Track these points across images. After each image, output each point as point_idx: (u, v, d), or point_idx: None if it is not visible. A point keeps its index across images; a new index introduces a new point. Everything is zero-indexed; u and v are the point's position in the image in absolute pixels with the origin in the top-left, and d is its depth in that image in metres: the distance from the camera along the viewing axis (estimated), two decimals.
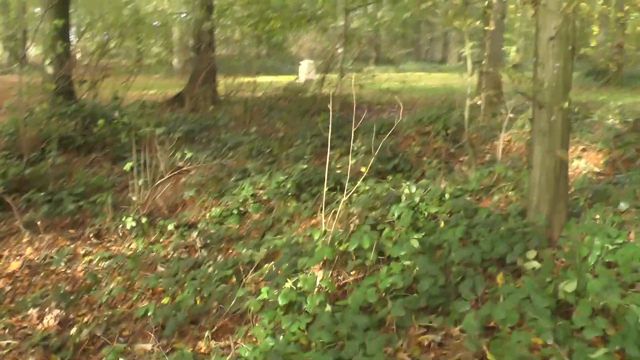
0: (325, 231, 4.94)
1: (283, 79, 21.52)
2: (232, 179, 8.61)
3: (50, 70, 7.95)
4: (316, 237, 5.04)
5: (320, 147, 10.39)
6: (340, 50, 13.00)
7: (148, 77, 19.35)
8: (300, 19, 12.78)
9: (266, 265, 5.65)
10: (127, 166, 7.48)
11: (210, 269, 5.56)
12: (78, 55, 15.63)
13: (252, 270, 5.56)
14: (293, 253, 5.39)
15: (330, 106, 5.93)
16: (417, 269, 4.36)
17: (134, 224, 6.87)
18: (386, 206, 6.45)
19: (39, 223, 6.95)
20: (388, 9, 18.51)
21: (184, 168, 9.00)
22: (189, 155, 7.98)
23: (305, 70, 24.82)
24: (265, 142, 10.52)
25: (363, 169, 9.42)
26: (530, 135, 5.04)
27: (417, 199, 6.32)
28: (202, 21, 14.63)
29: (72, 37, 16.42)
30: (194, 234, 6.88)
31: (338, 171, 8.83)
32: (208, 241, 6.76)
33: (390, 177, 8.20)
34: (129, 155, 10.03)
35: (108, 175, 9.45)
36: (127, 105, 13.01)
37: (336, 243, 4.83)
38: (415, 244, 4.69)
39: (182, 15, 16.66)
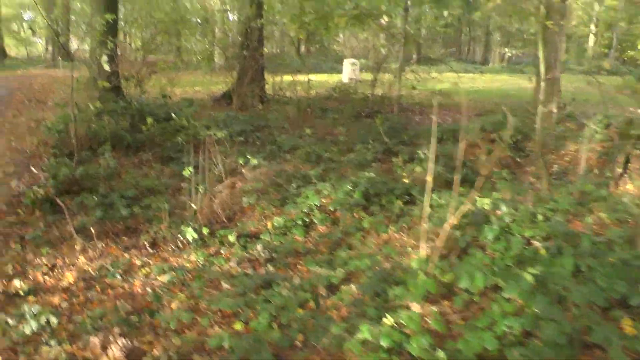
0: (426, 258, 4.27)
1: (325, 78, 20.95)
2: (293, 185, 8.02)
3: (106, 66, 7.46)
4: (413, 264, 4.38)
5: (382, 152, 9.74)
6: (397, 49, 12.30)
7: (189, 73, 19.00)
8: (357, 16, 12.12)
9: (344, 287, 5.06)
10: (186, 171, 6.91)
11: (285, 291, 4.94)
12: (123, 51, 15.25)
13: (330, 292, 4.97)
14: (379, 278, 4.75)
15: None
16: (535, 310, 3.69)
17: (195, 235, 6.30)
18: (473, 225, 5.76)
19: (92, 229, 6.44)
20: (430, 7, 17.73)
21: (241, 172, 8.48)
22: (254, 162, 7.39)
23: (349, 70, 24.23)
24: (322, 145, 9.90)
25: (429, 178, 8.67)
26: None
27: (507, 219, 5.65)
28: (251, 18, 14.07)
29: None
30: (258, 246, 6.28)
31: (405, 180, 8.19)
32: (274, 255, 6.16)
33: (461, 189, 7.46)
34: (180, 155, 9.54)
35: (158, 177, 8.93)
36: (173, 102, 12.56)
37: (436, 271, 4.18)
38: (529, 278, 4.01)
39: (228, 13, 16.09)
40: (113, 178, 8.66)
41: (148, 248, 6.40)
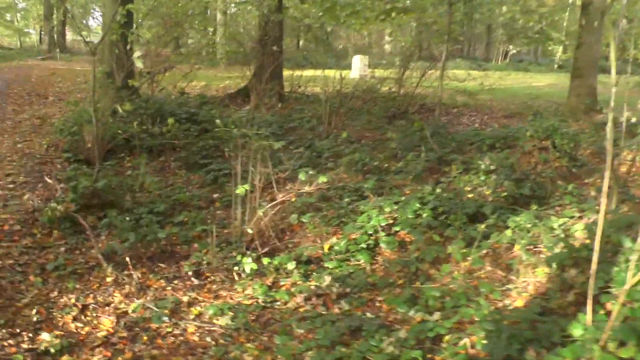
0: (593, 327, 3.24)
1: (332, 74, 19.84)
2: (346, 199, 6.99)
3: (140, 63, 6.36)
4: (577, 332, 3.34)
5: (431, 161, 8.68)
6: (443, 46, 11.25)
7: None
8: (390, 10, 11.08)
9: (448, 337, 4.08)
10: (241, 190, 5.84)
11: (389, 347, 3.90)
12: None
13: (435, 344, 3.98)
14: (508, 336, 3.72)
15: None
16: None
17: (254, 266, 5.25)
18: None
19: (124, 256, 5.37)
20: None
21: (280, 182, 7.44)
22: (303, 177, 6.30)
23: (359, 66, 23.21)
24: (366, 152, 8.83)
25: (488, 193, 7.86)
26: None
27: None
28: (272, 11, 12.96)
29: None
30: (326, 277, 5.24)
31: (469, 195, 7.17)
32: (347, 290, 5.12)
33: (534, 207, 6.45)
34: (208, 161, 8.46)
35: (186, 186, 7.85)
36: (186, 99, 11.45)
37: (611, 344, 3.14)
38: None
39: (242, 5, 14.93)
40: (134, 187, 7.59)
41: (193, 279, 5.33)
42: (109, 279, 5.11)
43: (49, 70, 21.62)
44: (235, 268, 5.36)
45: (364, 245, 5.91)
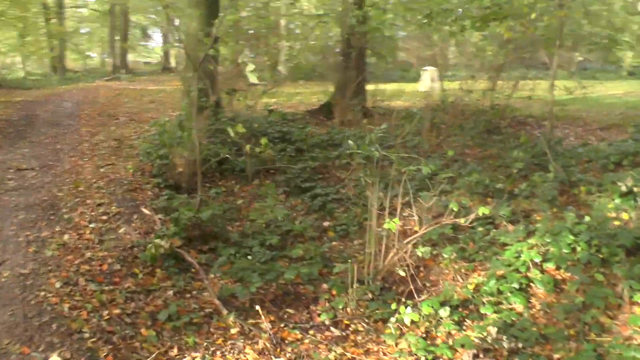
0: None
1: (396, 87, 18.90)
2: (479, 229, 6.00)
3: (254, 78, 5.53)
4: None
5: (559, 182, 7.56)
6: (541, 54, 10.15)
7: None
8: (488, 16, 10.07)
9: None
10: (392, 225, 4.93)
11: None
12: None
13: None
14: None
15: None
16: None
17: (416, 317, 4.32)
18: None
19: (243, 301, 4.53)
20: None
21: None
22: (455, 207, 5.31)
23: (429, 78, 22.27)
24: (482, 172, 7.80)
25: None
26: None
27: None
28: (357, 23, 12.12)
29: None
30: (491, 329, 4.26)
31: (616, 222, 6.02)
32: (520, 345, 4.12)
33: None
34: (312, 185, 7.63)
35: (290, 212, 7.01)
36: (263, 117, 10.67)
37: None
38: None
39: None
40: (232, 216, 6.81)
41: (332, 328, 4.44)
42: (233, 330, 4.27)
43: (115, 91, 21.46)
44: (376, 314, 4.43)
45: (515, 285, 4.90)
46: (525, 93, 12.45)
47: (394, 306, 4.50)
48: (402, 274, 5.03)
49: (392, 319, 4.41)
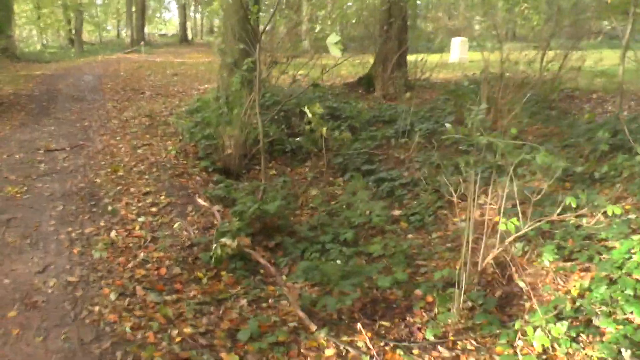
0: None
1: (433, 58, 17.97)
2: (571, 221, 5.14)
3: (337, 51, 4.57)
4: None
5: None
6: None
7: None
8: None
9: None
10: (510, 226, 4.10)
11: None
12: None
13: None
14: None
15: None
16: None
17: (546, 341, 3.52)
18: None
19: (329, 312, 3.74)
20: None
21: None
22: (572, 202, 4.44)
23: (458, 49, 21.26)
24: (554, 153, 6.90)
25: None
26: None
27: None
28: None
29: None
30: (625, 352, 3.45)
31: None
32: None
33: None
34: (373, 168, 6.77)
35: (353, 199, 6.18)
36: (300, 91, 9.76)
37: None
38: None
39: None
40: (290, 203, 5.98)
41: (440, 348, 3.65)
42: (328, 352, 3.48)
43: (135, 64, 20.54)
44: (483, 327, 3.63)
45: (630, 292, 4.07)
46: (573, 64, 11.43)
47: (528, 329, 3.67)
48: (522, 285, 4.20)
49: (503, 335, 3.61)
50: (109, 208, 5.09)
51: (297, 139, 7.41)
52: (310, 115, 4.93)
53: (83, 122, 9.78)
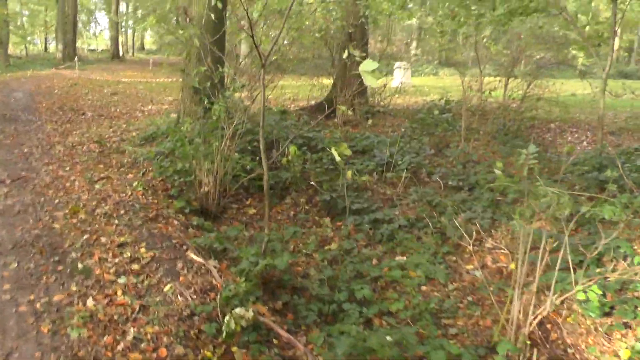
0: None
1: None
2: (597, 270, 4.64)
3: (373, 81, 3.76)
4: None
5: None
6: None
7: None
8: (525, 7, 8.75)
9: None
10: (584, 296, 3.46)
11: None
12: None
13: None
14: None
15: None
16: None
17: None
18: None
19: None
20: None
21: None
22: (627, 249, 3.89)
23: (400, 75, 21.02)
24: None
25: None
26: None
27: None
28: (358, 10, 10.57)
29: None
30: None
31: None
32: None
33: None
34: (366, 207, 6.05)
35: (344, 243, 5.44)
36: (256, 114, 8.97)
37: None
38: None
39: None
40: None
41: None
42: None
43: (69, 80, 18.96)
44: None
45: None
46: (536, 93, 11.23)
47: None
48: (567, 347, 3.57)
49: None
50: (79, 266, 4.08)
51: (274, 172, 6.57)
52: (337, 157, 4.15)
53: (21, 148, 8.52)
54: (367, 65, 3.46)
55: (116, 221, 4.99)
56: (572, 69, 14.13)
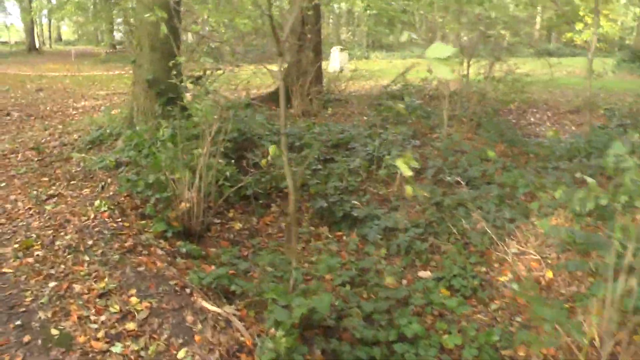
0: None
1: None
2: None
3: (448, 73, 2.87)
4: None
5: None
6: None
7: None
8: None
9: None
10: None
11: None
12: None
13: None
14: None
15: None
16: None
17: None
18: None
19: None
20: None
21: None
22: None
23: (338, 58, 20.32)
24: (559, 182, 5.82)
25: None
26: None
27: None
28: None
29: None
30: None
31: None
32: None
33: None
34: (369, 213, 5.18)
35: (355, 257, 4.57)
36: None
37: None
38: None
39: None
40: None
41: None
42: None
43: (23, 77, 16.80)
44: None
45: None
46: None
47: None
48: None
49: None
50: (53, 332, 2.96)
51: (253, 177, 5.56)
52: (406, 172, 3.24)
53: None
54: (438, 51, 2.51)
55: (86, 257, 3.85)
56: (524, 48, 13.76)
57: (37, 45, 32.02)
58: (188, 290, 3.42)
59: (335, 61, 20.29)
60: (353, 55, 27.62)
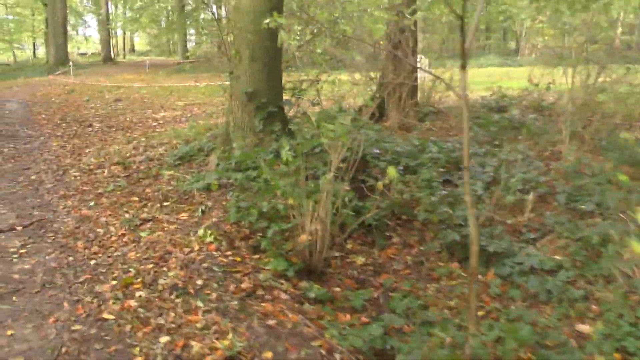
0: None
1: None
2: None
3: None
4: None
5: None
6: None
7: None
8: None
9: None
10: None
11: None
12: None
13: None
14: None
15: None
16: None
17: None
18: None
19: None
20: None
21: None
22: None
23: (426, 68, 19.47)
24: None
25: None
26: None
27: None
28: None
29: None
30: None
31: None
32: None
33: None
34: (507, 249, 4.30)
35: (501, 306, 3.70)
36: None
37: None
38: None
39: None
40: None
41: None
42: None
43: (65, 87, 16.90)
44: None
45: None
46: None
47: None
48: None
49: None
50: None
51: (371, 203, 4.76)
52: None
53: (28, 175, 6.64)
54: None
55: (199, 303, 3.15)
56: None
57: (112, 56, 32.72)
58: (338, 357, 2.64)
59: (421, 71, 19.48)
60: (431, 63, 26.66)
